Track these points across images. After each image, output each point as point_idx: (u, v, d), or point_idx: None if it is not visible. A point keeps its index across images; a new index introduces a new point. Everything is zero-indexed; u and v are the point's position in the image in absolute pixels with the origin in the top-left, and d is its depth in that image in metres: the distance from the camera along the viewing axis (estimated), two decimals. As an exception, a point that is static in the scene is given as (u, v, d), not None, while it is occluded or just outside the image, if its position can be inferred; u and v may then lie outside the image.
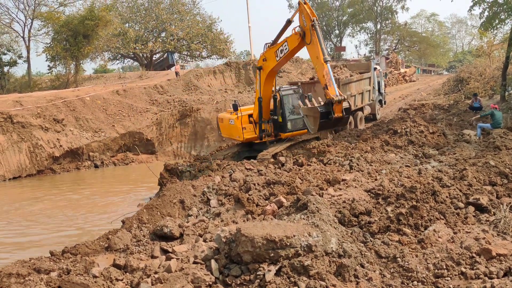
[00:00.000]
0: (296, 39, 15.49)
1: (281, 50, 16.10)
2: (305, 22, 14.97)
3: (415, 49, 73.98)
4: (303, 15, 15.01)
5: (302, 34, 15.11)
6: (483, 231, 8.04)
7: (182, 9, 59.53)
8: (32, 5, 44.35)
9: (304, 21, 14.99)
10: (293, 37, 15.70)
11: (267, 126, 17.80)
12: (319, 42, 14.66)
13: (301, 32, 15.14)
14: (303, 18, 15.02)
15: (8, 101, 28.20)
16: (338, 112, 14.39)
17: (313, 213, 7.87)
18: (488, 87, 27.71)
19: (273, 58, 16.36)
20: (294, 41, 15.67)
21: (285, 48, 15.97)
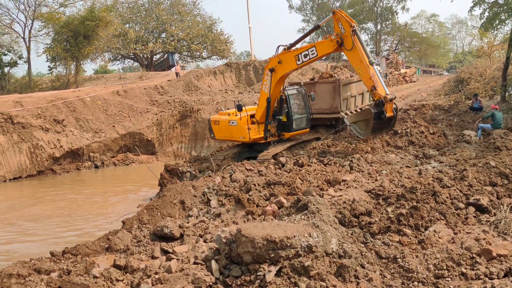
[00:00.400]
0: (330, 45, 15.49)
1: (306, 55, 16.04)
2: (343, 29, 14.99)
3: (416, 50, 73.85)
4: (341, 22, 15.05)
5: (340, 41, 15.09)
6: (483, 232, 8.04)
7: (182, 10, 59.56)
8: (32, 6, 44.44)
9: (342, 28, 15.01)
10: (326, 44, 15.69)
11: (270, 126, 17.84)
12: (362, 47, 14.76)
13: (339, 39, 15.12)
14: (341, 26, 15.05)
15: (8, 101, 28.21)
16: (389, 111, 14.43)
17: (313, 214, 7.87)
18: (488, 87, 27.67)
19: (293, 61, 16.32)
20: (327, 47, 15.71)
21: (312, 53, 15.90)
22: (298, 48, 16.43)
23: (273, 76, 16.92)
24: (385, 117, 14.40)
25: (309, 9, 77.07)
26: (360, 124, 15.00)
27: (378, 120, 14.50)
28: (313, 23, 77.64)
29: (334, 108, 20.80)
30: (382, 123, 14.82)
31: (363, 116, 15.00)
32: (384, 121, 14.67)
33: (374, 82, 14.44)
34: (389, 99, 14.21)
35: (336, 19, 15.25)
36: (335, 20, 15.27)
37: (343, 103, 21.09)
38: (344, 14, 15.30)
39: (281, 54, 16.71)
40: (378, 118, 14.47)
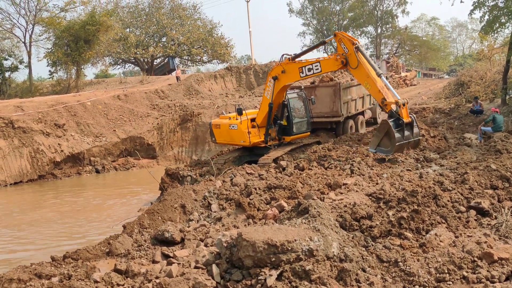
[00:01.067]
0: (335, 64, 15.56)
1: (310, 69, 16.13)
2: (346, 49, 15.04)
3: (416, 53, 73.96)
4: (343, 43, 15.10)
5: (345, 61, 15.12)
6: (484, 235, 8.03)
7: (182, 14, 59.68)
8: (33, 11, 44.57)
9: (345, 48, 15.05)
10: (331, 62, 15.75)
11: (271, 130, 17.87)
12: (367, 61, 14.73)
13: (343, 59, 15.15)
14: (343, 46, 15.09)
15: (9, 106, 28.24)
16: (405, 116, 13.97)
17: (314, 218, 7.86)
18: (489, 90, 27.69)
19: (297, 73, 16.43)
20: (331, 66, 15.80)
21: (316, 68, 16.01)
22: (303, 61, 16.45)
23: (276, 84, 16.98)
24: (403, 122, 13.94)
25: (309, 12, 77.25)
26: (384, 142, 14.44)
27: (399, 128, 14.01)
28: (313, 27, 77.82)
29: (335, 111, 20.82)
30: (408, 140, 14.26)
31: (381, 132, 14.52)
32: (406, 134, 14.12)
33: (384, 94, 14.30)
34: (401, 103, 13.93)
35: (338, 41, 15.31)
36: (337, 42, 15.32)
37: (343, 107, 21.10)
38: (345, 34, 15.37)
39: (285, 63, 16.73)
40: (397, 126, 14.03)
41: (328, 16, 75.47)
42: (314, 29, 78.02)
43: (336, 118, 21.02)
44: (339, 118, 21.00)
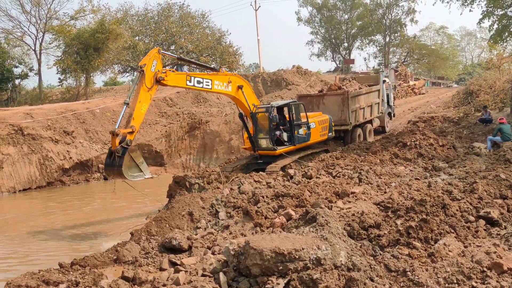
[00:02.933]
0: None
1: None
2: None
3: (424, 62, 73.88)
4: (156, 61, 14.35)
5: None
6: (494, 245, 7.96)
7: (191, 22, 59.97)
8: (43, 19, 45.03)
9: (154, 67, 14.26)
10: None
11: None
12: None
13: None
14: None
15: (19, 113, 28.45)
16: (113, 145, 13.27)
17: (322, 226, 7.84)
18: (498, 99, 27.56)
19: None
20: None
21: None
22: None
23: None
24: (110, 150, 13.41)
25: (317, 21, 77.36)
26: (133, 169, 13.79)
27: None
28: (322, 35, 77.95)
29: (343, 120, 20.82)
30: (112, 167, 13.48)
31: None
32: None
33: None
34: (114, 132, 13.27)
35: (156, 58, 14.32)
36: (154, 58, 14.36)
37: (351, 115, 21.09)
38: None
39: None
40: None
41: (336, 25, 75.61)
42: (322, 38, 78.15)
43: (344, 127, 21.01)
44: (347, 126, 20.99)
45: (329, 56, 79.83)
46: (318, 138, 19.22)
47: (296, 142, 17.92)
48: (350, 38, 76.80)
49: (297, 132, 18.01)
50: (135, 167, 13.93)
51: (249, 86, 17.40)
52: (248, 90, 17.04)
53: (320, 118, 19.45)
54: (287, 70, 44.51)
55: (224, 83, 16.03)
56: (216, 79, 15.86)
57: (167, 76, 14.46)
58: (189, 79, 15.18)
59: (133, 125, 13.83)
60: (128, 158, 13.71)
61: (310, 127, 18.57)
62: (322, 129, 19.39)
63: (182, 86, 15.82)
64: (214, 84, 15.75)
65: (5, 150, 25.02)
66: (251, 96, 17.22)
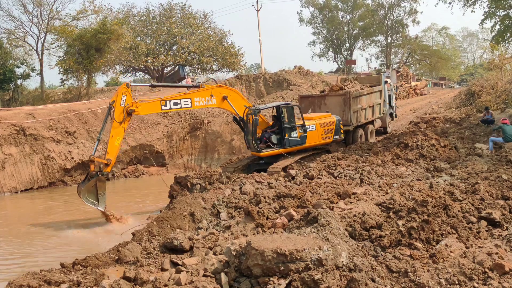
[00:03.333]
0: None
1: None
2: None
3: (426, 63, 73.83)
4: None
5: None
6: (495, 246, 7.95)
7: (193, 23, 59.97)
8: (45, 19, 44.98)
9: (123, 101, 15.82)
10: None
11: None
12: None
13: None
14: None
15: (21, 113, 28.47)
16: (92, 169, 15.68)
17: (323, 227, 7.84)
18: (500, 100, 27.52)
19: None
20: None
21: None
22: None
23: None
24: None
25: (319, 22, 77.35)
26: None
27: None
28: (323, 36, 77.95)
29: (345, 120, 20.80)
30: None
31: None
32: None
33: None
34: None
35: (124, 92, 15.77)
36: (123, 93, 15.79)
37: (353, 116, 21.08)
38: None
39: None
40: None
41: (338, 26, 75.60)
42: (324, 38, 78.15)
43: (346, 127, 21.00)
44: (349, 127, 20.97)
45: (331, 56, 79.91)
46: (319, 141, 18.83)
47: (287, 145, 17.69)
48: (352, 39, 76.82)
49: (288, 135, 17.78)
50: (94, 194, 15.91)
51: (235, 93, 17.69)
52: (234, 97, 17.28)
53: (324, 120, 19.06)
54: (289, 70, 44.47)
55: (206, 97, 16.58)
56: (196, 96, 16.47)
57: (139, 106, 15.82)
58: (164, 104, 16.20)
59: (109, 158, 15.66)
60: (93, 184, 15.68)
61: (307, 130, 18.22)
62: (325, 132, 18.96)
63: (157, 112, 17.63)
64: (194, 102, 16.44)
65: (7, 150, 25.05)
66: (239, 102, 17.42)
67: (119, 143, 15.94)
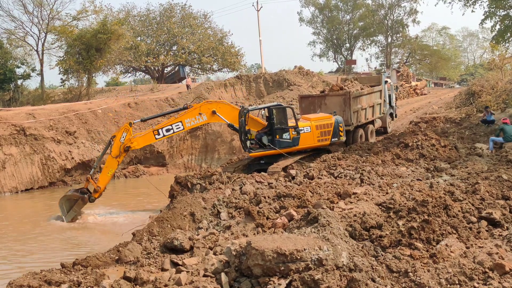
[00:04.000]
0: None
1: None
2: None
3: (426, 62, 73.79)
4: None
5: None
6: (496, 246, 7.95)
7: (193, 23, 60.05)
8: (46, 19, 45.00)
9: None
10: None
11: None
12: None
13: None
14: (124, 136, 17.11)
15: (21, 113, 28.48)
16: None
17: (323, 227, 7.84)
18: (500, 100, 27.49)
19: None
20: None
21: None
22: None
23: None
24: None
25: (319, 22, 77.33)
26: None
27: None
28: (324, 36, 77.93)
29: (345, 120, 20.77)
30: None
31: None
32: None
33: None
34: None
35: (126, 130, 17.02)
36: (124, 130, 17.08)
37: (353, 116, 21.07)
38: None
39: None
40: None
41: (338, 26, 75.57)
42: (324, 38, 78.14)
43: (346, 127, 20.98)
44: (349, 127, 20.95)
45: (331, 56, 79.87)
46: (314, 143, 18.36)
47: (277, 147, 17.47)
48: (352, 39, 76.80)
49: (279, 136, 17.60)
50: (69, 205, 17.26)
51: (223, 104, 18.01)
52: (223, 109, 17.57)
53: (321, 122, 18.55)
54: (289, 70, 44.47)
55: (196, 116, 17.16)
56: (185, 118, 17.17)
57: (134, 142, 17.03)
58: (157, 133, 17.20)
59: (99, 185, 17.04)
60: (75, 198, 17.27)
61: (300, 132, 17.89)
62: (322, 134, 18.43)
63: (152, 142, 18.51)
64: (185, 124, 17.20)
65: (8, 150, 25.05)
66: (229, 112, 17.66)
67: (111, 174, 17.32)
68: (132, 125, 17.24)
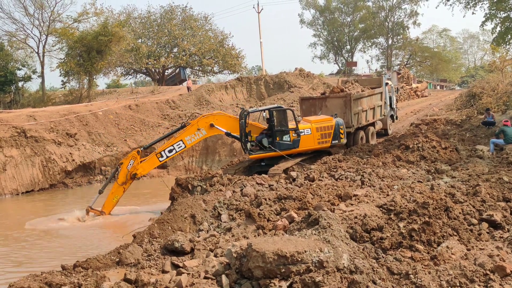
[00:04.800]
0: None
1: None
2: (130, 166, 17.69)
3: (427, 64, 73.77)
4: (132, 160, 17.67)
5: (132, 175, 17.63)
6: (497, 248, 7.94)
7: (194, 25, 60.13)
8: (47, 21, 45.06)
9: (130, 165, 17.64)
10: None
11: None
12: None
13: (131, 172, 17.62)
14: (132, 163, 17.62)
15: (22, 115, 28.53)
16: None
17: (324, 229, 7.83)
18: (501, 102, 27.50)
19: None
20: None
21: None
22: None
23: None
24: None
25: (320, 24, 77.39)
26: None
27: None
28: (324, 38, 77.96)
29: (346, 122, 20.77)
30: None
31: None
32: None
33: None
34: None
35: (133, 157, 17.52)
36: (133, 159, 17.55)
37: (354, 118, 21.06)
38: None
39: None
40: None
41: (339, 27, 75.63)
42: (325, 40, 78.18)
43: (347, 129, 20.96)
44: (349, 129, 20.94)
45: (332, 58, 79.84)
46: (315, 145, 18.29)
47: (278, 149, 17.47)
48: (353, 41, 76.83)
49: (279, 139, 17.63)
50: None
51: (220, 116, 18.29)
52: (220, 120, 17.82)
53: (322, 124, 18.48)
54: (290, 72, 44.54)
55: (195, 132, 17.48)
56: (185, 136, 17.54)
57: (139, 169, 17.51)
58: (160, 155, 17.67)
59: (103, 210, 17.70)
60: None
61: (300, 134, 17.88)
62: (322, 136, 18.35)
63: (157, 166, 18.89)
64: (186, 141, 17.55)
65: (8, 152, 25.09)
66: (227, 122, 17.94)
67: (116, 200, 17.78)
68: (140, 153, 17.70)
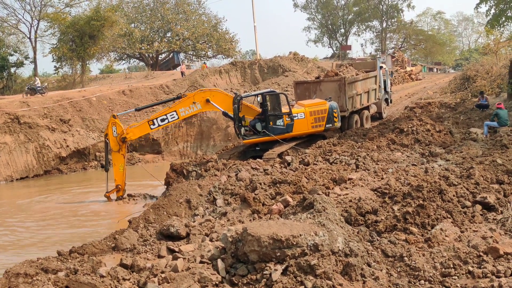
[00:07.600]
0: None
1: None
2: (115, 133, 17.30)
3: (421, 48, 73.61)
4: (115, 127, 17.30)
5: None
6: (490, 230, 8.02)
7: (187, 9, 59.63)
8: (38, 6, 44.64)
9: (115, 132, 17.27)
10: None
11: None
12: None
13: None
14: (115, 129, 17.29)
15: (15, 102, 28.35)
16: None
17: (319, 212, 7.87)
18: (495, 85, 27.53)
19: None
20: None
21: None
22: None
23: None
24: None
25: (314, 7, 76.85)
26: None
27: None
28: (318, 21, 77.54)
29: (340, 106, 20.74)
30: None
31: None
32: None
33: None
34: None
35: (113, 123, 17.26)
36: (111, 124, 17.28)
37: (348, 102, 21.04)
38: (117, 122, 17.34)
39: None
40: None
41: (333, 11, 75.15)
42: (319, 24, 77.76)
43: (341, 113, 20.94)
44: (344, 113, 20.92)
45: (326, 42, 79.42)
46: (308, 129, 18.25)
47: (271, 133, 17.41)
48: (347, 24, 76.39)
49: (273, 123, 17.57)
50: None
51: (217, 92, 18.09)
52: (217, 97, 17.60)
53: (315, 108, 18.38)
54: (284, 56, 44.33)
55: (190, 105, 17.25)
56: (180, 107, 17.32)
57: (129, 133, 17.26)
58: (152, 123, 17.44)
59: (117, 184, 17.54)
60: None
61: (294, 118, 17.79)
62: (316, 120, 18.29)
63: (148, 132, 18.76)
64: (180, 113, 17.36)
65: (2, 139, 24.96)
66: (223, 100, 17.68)
67: (122, 168, 17.50)
68: (116, 117, 17.45)
